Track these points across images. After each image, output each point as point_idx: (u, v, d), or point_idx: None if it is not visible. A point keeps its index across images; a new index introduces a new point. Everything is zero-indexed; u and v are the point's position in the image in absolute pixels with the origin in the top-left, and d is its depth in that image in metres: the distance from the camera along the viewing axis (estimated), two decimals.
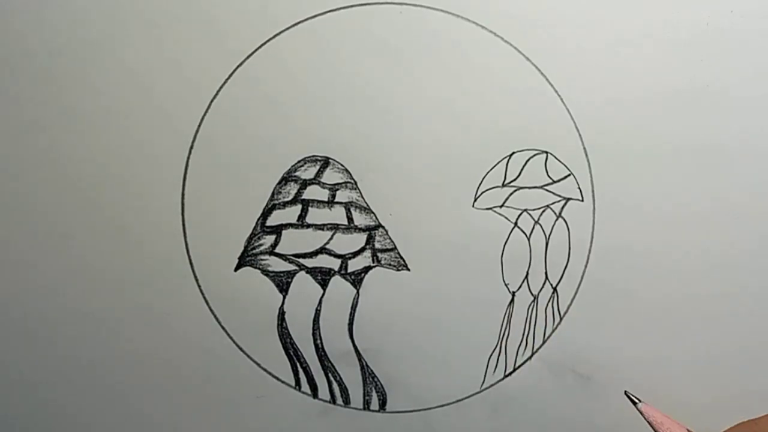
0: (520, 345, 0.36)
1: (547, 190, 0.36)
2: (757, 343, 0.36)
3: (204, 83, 0.34)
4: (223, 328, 0.35)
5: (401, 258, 0.35)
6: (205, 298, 0.34)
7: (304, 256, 0.35)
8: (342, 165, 0.35)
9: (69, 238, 0.34)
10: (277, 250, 0.35)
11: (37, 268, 0.34)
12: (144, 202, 0.34)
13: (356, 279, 0.35)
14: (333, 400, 0.35)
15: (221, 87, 0.34)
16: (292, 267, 0.35)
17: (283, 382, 0.35)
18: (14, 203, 0.34)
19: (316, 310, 0.35)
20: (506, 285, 0.36)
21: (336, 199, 0.35)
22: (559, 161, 0.36)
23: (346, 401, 0.36)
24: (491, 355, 0.36)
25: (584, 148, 0.36)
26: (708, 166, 0.36)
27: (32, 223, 0.34)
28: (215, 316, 0.34)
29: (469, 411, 0.36)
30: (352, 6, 0.34)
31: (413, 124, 0.35)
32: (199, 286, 0.34)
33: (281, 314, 0.35)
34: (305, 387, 0.35)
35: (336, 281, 0.35)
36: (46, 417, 0.34)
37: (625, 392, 0.33)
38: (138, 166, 0.34)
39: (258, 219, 0.34)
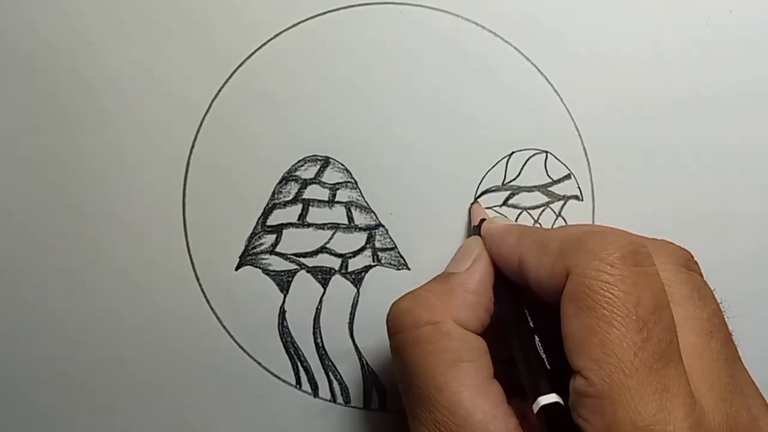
0: None
1: (547, 190, 0.36)
2: (757, 344, 0.36)
3: (205, 83, 0.34)
4: (223, 326, 0.35)
5: (401, 257, 0.35)
6: (205, 297, 0.34)
7: (305, 255, 0.35)
8: (342, 164, 0.35)
9: (69, 238, 0.34)
10: (278, 249, 0.35)
11: (36, 268, 0.34)
12: (144, 202, 0.34)
13: (357, 278, 0.35)
14: (333, 399, 0.36)
15: (222, 87, 0.34)
16: (292, 266, 0.35)
17: (283, 380, 0.35)
18: (14, 203, 0.34)
19: (317, 309, 0.35)
20: None
21: (336, 199, 0.35)
22: (559, 161, 0.36)
23: (347, 400, 0.36)
24: None
25: (584, 148, 0.36)
26: (708, 166, 0.36)
27: (32, 223, 0.34)
28: (216, 315, 0.35)
29: None
30: (352, 6, 0.34)
31: (413, 124, 0.35)
32: (199, 285, 0.34)
33: (282, 313, 0.35)
34: (306, 386, 0.35)
35: (336, 280, 0.35)
36: (45, 416, 0.34)
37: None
38: (138, 165, 0.34)
39: (258, 218, 0.35)
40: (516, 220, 0.35)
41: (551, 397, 0.26)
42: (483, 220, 0.34)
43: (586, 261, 0.26)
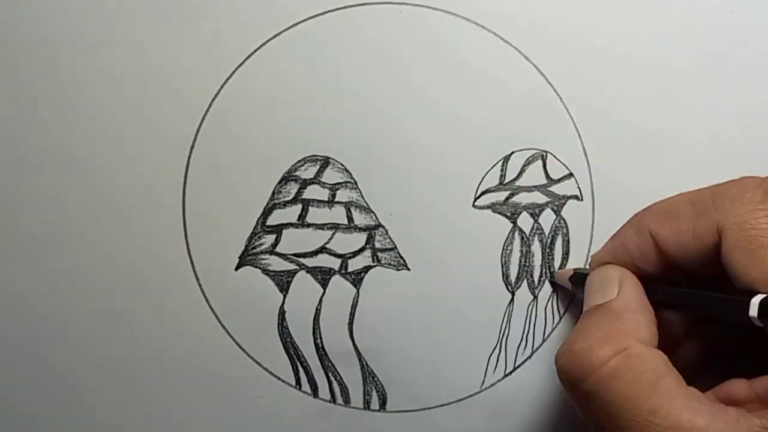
0: (519, 344, 0.36)
1: (546, 190, 0.36)
2: None
3: (205, 83, 0.34)
4: (223, 327, 0.35)
5: (401, 258, 0.35)
6: (205, 297, 0.34)
7: (305, 255, 0.35)
8: (342, 165, 0.35)
9: (69, 238, 0.34)
10: (278, 249, 0.35)
11: (36, 268, 0.34)
12: (144, 202, 0.34)
13: (356, 278, 0.35)
14: (333, 400, 0.36)
15: (222, 87, 0.34)
16: (292, 266, 0.35)
17: (283, 381, 0.35)
18: (14, 204, 0.34)
19: (317, 309, 0.35)
20: (506, 284, 0.36)
21: (336, 199, 0.35)
22: (559, 161, 0.36)
23: (347, 401, 0.36)
24: (491, 354, 0.36)
25: (584, 148, 0.36)
26: (708, 166, 0.36)
27: (32, 223, 0.34)
28: (215, 315, 0.35)
29: (469, 411, 0.36)
30: (351, 6, 0.34)
31: (413, 123, 0.35)
32: (199, 285, 0.34)
33: (281, 313, 0.35)
34: (305, 386, 0.35)
35: (336, 281, 0.35)
36: (43, 417, 0.34)
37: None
38: (138, 165, 0.34)
39: (258, 218, 0.35)
40: (516, 220, 0.36)
41: (762, 295, 0.26)
42: (576, 270, 0.35)
43: (736, 209, 0.27)
